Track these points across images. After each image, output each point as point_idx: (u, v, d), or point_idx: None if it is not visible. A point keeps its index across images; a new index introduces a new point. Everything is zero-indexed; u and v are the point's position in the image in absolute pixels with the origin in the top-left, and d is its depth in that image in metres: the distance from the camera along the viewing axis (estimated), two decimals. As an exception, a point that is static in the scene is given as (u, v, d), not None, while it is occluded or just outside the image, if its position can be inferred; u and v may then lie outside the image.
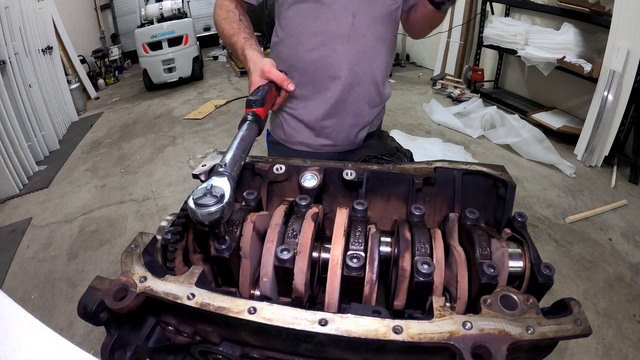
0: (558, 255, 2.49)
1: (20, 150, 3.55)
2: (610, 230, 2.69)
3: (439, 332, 0.45)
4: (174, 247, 0.61)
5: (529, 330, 0.46)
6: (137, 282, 0.52)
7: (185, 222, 0.64)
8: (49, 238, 2.87)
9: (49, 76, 4.44)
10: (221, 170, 0.57)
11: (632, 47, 3.07)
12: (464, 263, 0.59)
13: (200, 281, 0.52)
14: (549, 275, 0.55)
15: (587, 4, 3.39)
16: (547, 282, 0.55)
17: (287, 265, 0.56)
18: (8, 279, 2.49)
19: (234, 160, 0.61)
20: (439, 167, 0.77)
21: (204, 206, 0.50)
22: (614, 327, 2.01)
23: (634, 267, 2.37)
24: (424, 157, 1.09)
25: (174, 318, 0.57)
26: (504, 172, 0.75)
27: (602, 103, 3.28)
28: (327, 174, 0.77)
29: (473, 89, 4.96)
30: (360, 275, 0.56)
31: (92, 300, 0.52)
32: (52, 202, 3.32)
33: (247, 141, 0.68)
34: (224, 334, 0.57)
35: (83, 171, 3.81)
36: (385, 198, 0.80)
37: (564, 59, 3.56)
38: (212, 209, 0.50)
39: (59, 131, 4.45)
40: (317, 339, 0.49)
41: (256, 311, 0.48)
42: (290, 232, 0.61)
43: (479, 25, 4.86)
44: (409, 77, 6.02)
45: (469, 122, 4.17)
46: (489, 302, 0.49)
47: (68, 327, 2.10)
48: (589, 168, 3.44)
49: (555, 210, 2.91)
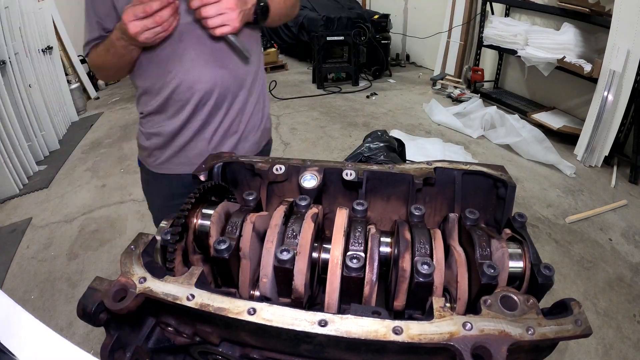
0: (558, 255, 2.49)
1: (20, 150, 3.54)
2: (610, 230, 2.69)
3: (439, 333, 0.45)
4: (174, 247, 0.61)
5: (529, 330, 0.46)
6: (137, 282, 0.52)
7: (185, 223, 0.64)
8: (49, 238, 2.87)
9: (49, 76, 4.43)
10: None
11: (632, 47, 3.07)
12: (464, 263, 0.59)
13: (200, 282, 0.52)
14: (549, 276, 0.55)
15: (587, 4, 3.39)
16: (547, 283, 0.55)
17: (287, 265, 0.56)
18: (8, 279, 2.48)
19: None
20: (439, 167, 0.76)
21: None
22: (614, 327, 2.01)
23: (634, 267, 2.37)
24: (424, 157, 1.08)
25: (174, 319, 0.57)
26: (504, 172, 0.75)
27: (602, 103, 3.28)
28: (326, 174, 0.77)
29: (473, 89, 4.96)
30: (360, 276, 0.56)
31: (91, 301, 0.52)
32: (52, 202, 3.32)
33: None
34: (223, 335, 0.57)
35: (83, 171, 3.81)
36: (385, 198, 0.80)
37: (564, 59, 3.57)
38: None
39: (59, 131, 4.44)
40: (316, 340, 0.49)
41: (256, 312, 0.48)
42: (290, 232, 0.61)
43: (479, 25, 4.86)
44: (409, 77, 6.02)
45: (469, 122, 4.17)
46: (489, 302, 0.49)
47: (68, 327, 2.10)
48: (589, 168, 3.44)
49: (555, 211, 2.91)
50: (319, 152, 3.88)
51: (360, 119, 4.54)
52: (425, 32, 5.95)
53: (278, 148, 3.98)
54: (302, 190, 0.74)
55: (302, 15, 5.99)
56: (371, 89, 5.45)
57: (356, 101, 5.12)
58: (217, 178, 0.80)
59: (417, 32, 6.27)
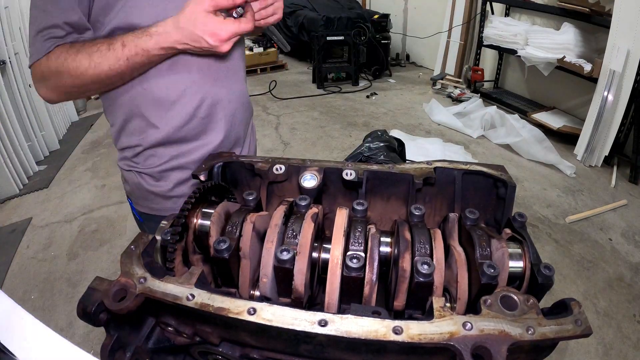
0: (558, 255, 2.49)
1: (20, 150, 3.54)
2: (610, 230, 2.69)
3: (439, 333, 0.45)
4: (174, 247, 0.61)
5: (529, 330, 0.46)
6: (137, 282, 0.51)
7: (185, 223, 0.64)
8: (49, 238, 2.87)
9: (49, 76, 4.44)
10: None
11: (632, 47, 3.07)
12: (464, 263, 0.59)
13: (200, 282, 0.52)
14: (548, 276, 0.55)
15: (587, 4, 3.39)
16: (547, 283, 0.55)
17: (287, 265, 0.56)
18: (8, 279, 2.48)
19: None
20: (439, 167, 0.76)
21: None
22: (614, 327, 2.01)
23: (634, 267, 2.37)
24: (424, 157, 1.08)
25: (174, 319, 0.57)
26: (504, 172, 0.75)
27: (602, 103, 3.28)
28: (326, 174, 0.77)
29: (473, 89, 4.96)
30: (360, 276, 0.56)
31: (91, 301, 0.52)
32: (52, 202, 3.32)
33: None
34: (223, 335, 0.57)
35: (83, 171, 3.81)
36: (385, 198, 0.80)
37: (564, 59, 3.56)
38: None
39: (59, 131, 4.44)
40: (317, 340, 0.49)
41: (256, 312, 0.48)
42: (290, 232, 0.61)
43: (479, 25, 4.86)
44: (409, 77, 6.02)
45: (469, 122, 4.17)
46: (489, 302, 0.49)
47: (68, 327, 2.10)
48: (589, 168, 3.44)
49: (555, 210, 2.91)
50: (319, 152, 3.88)
51: (360, 119, 4.54)
52: (425, 32, 5.95)
53: (278, 148, 3.98)
54: (302, 190, 0.74)
55: (302, 15, 5.99)
56: (371, 89, 5.45)
57: (356, 101, 5.12)
58: (217, 178, 0.80)
59: (417, 32, 6.27)
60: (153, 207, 1.05)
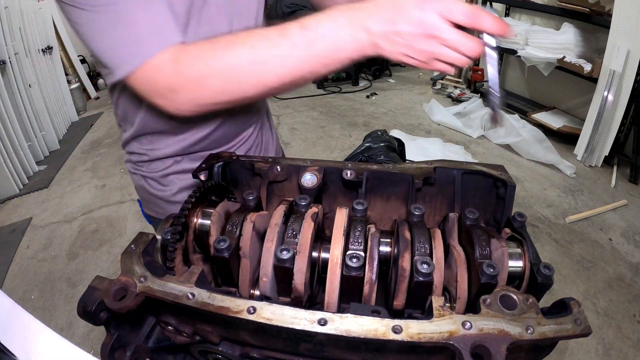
0: (558, 255, 2.49)
1: (20, 150, 3.54)
2: (610, 230, 2.69)
3: (438, 332, 0.45)
4: (174, 247, 0.61)
5: (528, 330, 0.46)
6: (137, 282, 0.52)
7: (185, 222, 0.64)
8: (49, 238, 2.87)
9: (49, 76, 4.43)
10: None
11: (632, 47, 3.07)
12: (463, 263, 0.59)
13: (200, 281, 0.52)
14: (548, 275, 0.55)
15: (587, 4, 3.39)
16: (547, 282, 0.55)
17: (287, 265, 0.56)
18: (8, 279, 2.49)
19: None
20: (439, 167, 0.76)
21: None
22: (614, 327, 2.01)
23: (634, 267, 2.37)
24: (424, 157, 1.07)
25: (174, 318, 0.57)
26: (504, 171, 0.75)
27: (602, 103, 3.28)
28: (326, 173, 0.77)
29: (473, 89, 4.96)
30: (360, 275, 0.56)
31: (91, 300, 0.52)
32: (52, 202, 3.32)
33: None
34: (223, 334, 0.57)
35: (83, 171, 3.81)
36: (385, 198, 0.80)
37: (564, 59, 3.56)
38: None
39: (59, 131, 4.44)
40: (316, 339, 0.49)
41: (256, 311, 0.48)
42: (289, 232, 0.61)
43: (479, 25, 4.85)
44: (409, 77, 6.02)
45: (469, 122, 4.17)
46: (489, 301, 0.49)
47: (68, 327, 2.10)
48: (589, 168, 3.44)
49: (555, 210, 2.91)
50: (319, 152, 3.88)
51: (360, 119, 4.54)
52: (425, 32, 5.94)
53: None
54: (302, 190, 0.74)
55: (302, 16, 5.98)
56: (371, 89, 5.45)
57: (356, 101, 5.12)
58: (217, 177, 0.80)
59: (417, 32, 6.26)
60: (158, 211, 1.05)
